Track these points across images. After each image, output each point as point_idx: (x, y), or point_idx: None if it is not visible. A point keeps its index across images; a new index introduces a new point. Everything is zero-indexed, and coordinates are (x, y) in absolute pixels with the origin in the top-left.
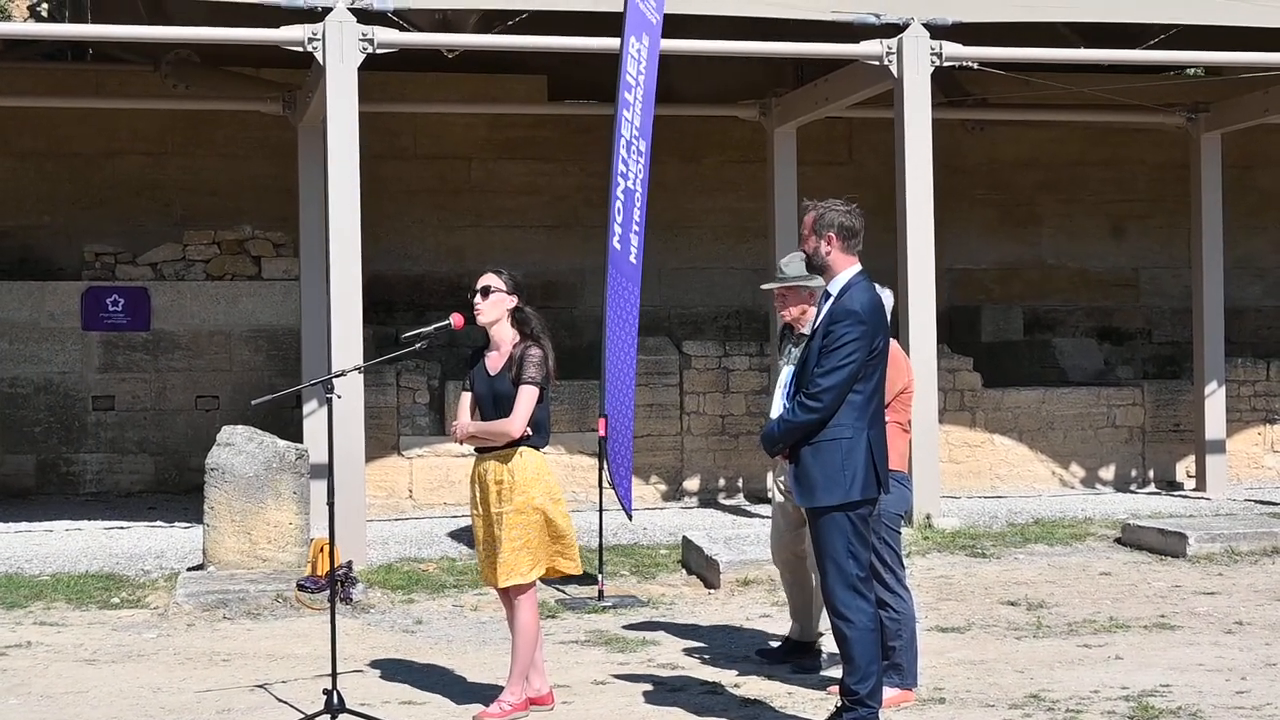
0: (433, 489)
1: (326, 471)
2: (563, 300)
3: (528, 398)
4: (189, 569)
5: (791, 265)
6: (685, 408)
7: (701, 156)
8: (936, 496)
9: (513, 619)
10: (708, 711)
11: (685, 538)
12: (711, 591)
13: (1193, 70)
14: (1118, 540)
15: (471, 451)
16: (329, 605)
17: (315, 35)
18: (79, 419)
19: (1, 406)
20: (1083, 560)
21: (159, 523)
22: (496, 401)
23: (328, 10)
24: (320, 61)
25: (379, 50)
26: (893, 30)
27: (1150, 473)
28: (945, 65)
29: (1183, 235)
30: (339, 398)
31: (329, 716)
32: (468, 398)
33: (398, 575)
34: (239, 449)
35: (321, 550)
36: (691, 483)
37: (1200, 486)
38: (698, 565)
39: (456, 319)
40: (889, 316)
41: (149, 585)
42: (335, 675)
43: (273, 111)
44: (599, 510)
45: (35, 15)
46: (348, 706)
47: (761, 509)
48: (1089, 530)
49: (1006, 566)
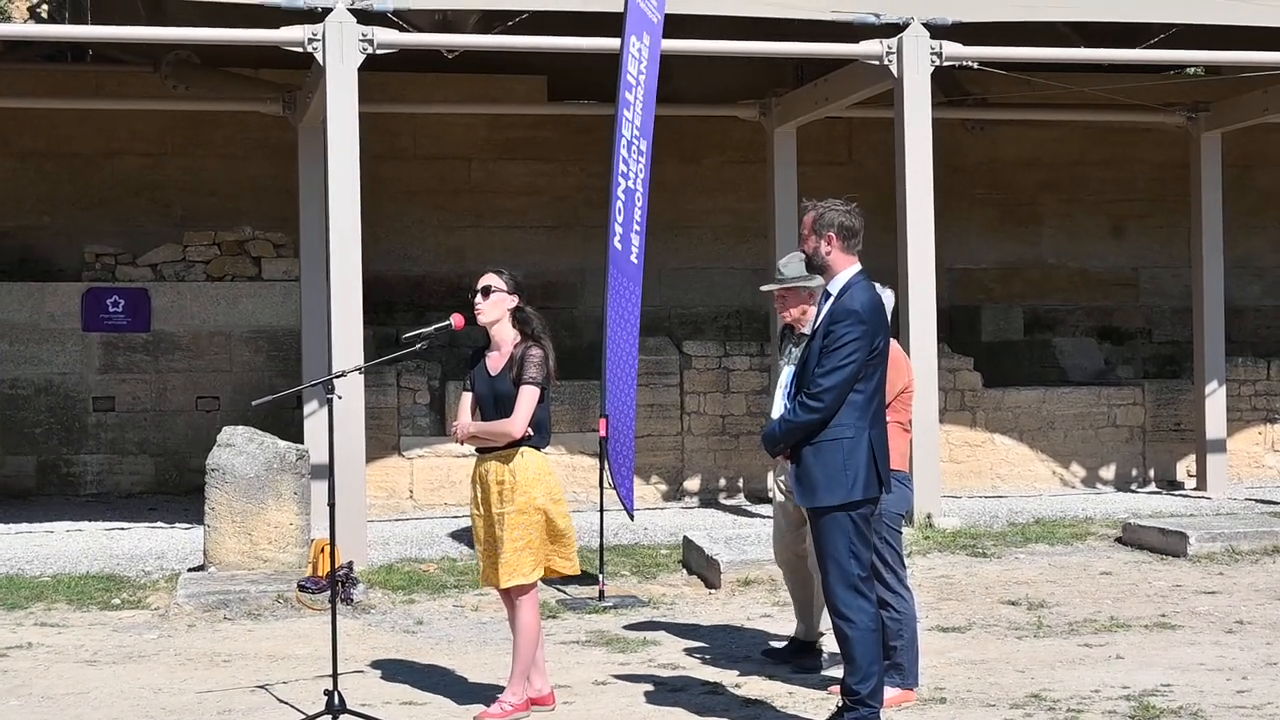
0: (433, 489)
1: (327, 472)
2: (563, 300)
3: (529, 398)
4: (190, 570)
5: (790, 266)
6: (686, 408)
7: (701, 157)
8: (937, 496)
9: (514, 619)
10: (709, 712)
11: (686, 538)
12: (712, 591)
13: (1192, 70)
14: (1118, 540)
15: (472, 452)
16: (330, 606)
17: (315, 36)
18: (79, 420)
19: (2, 408)
20: (1083, 560)
21: (159, 524)
22: (497, 402)
23: (327, 11)
24: (320, 62)
25: (379, 51)
26: (893, 30)
27: (1151, 472)
28: (945, 65)
29: (1183, 235)
30: (339, 398)
31: (330, 717)
32: (468, 398)
33: (398, 576)
34: (239, 450)
35: (322, 551)
36: (692, 483)
37: (1201, 486)
38: (698, 565)
39: (457, 319)
40: (889, 316)
41: (150, 586)
42: (336, 676)
43: (272, 112)
44: (599, 510)
45: (35, 16)
46: (348, 707)
47: (762, 509)
48: (1090, 530)
49: (1007, 566)
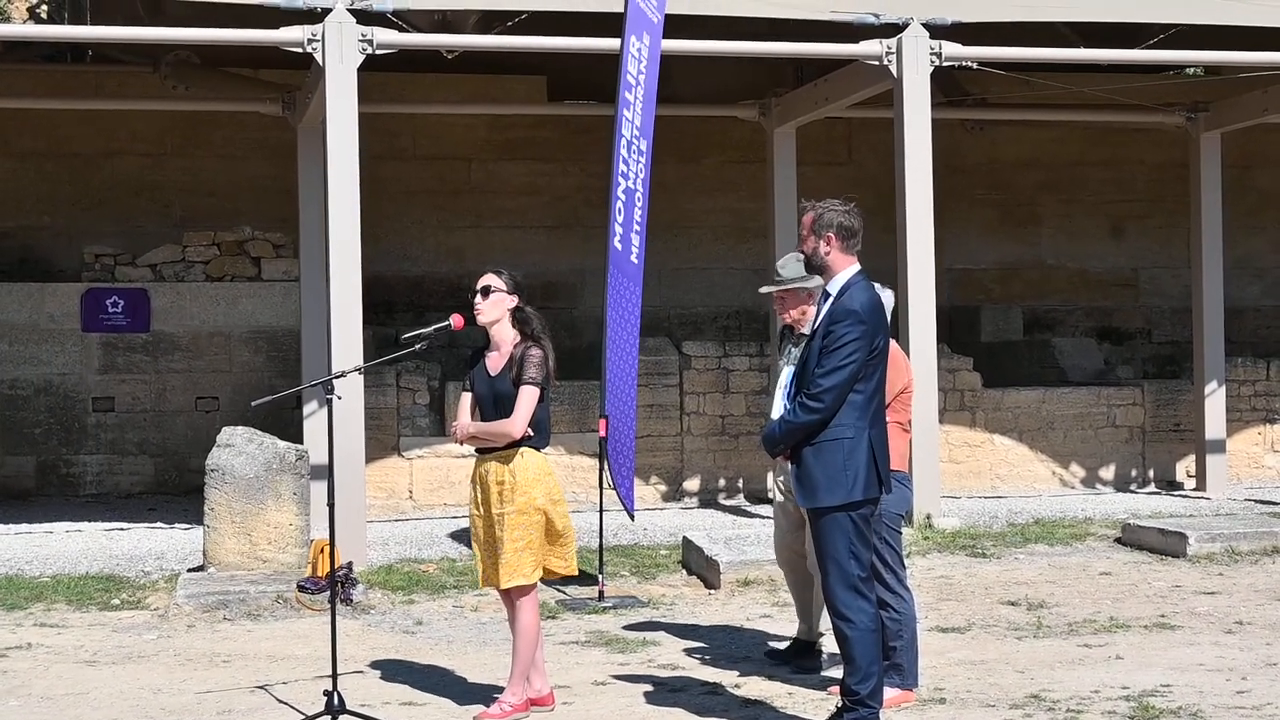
0: (433, 490)
1: (326, 472)
2: (563, 301)
3: (528, 398)
4: (189, 570)
5: (788, 267)
6: (685, 408)
7: (701, 157)
8: (937, 496)
9: (514, 619)
10: (708, 712)
11: (685, 538)
12: (712, 592)
13: (1192, 70)
14: (1118, 540)
15: (472, 452)
16: (329, 606)
17: (315, 36)
18: (79, 420)
19: (1, 408)
20: (1083, 560)
21: (159, 524)
22: (497, 402)
23: (327, 11)
24: (320, 62)
25: (378, 51)
26: (892, 30)
27: (1150, 472)
28: (945, 65)
29: (1182, 235)
30: (339, 399)
31: (329, 717)
32: (468, 398)
33: (398, 576)
34: (239, 450)
35: (322, 551)
36: (691, 483)
37: (1200, 486)
38: (698, 566)
39: (456, 320)
40: (889, 317)
41: (149, 586)
42: (335, 676)
43: (272, 112)
44: (599, 511)
45: (35, 17)
46: (348, 707)
47: (761, 509)
48: (1089, 530)
49: (1007, 566)
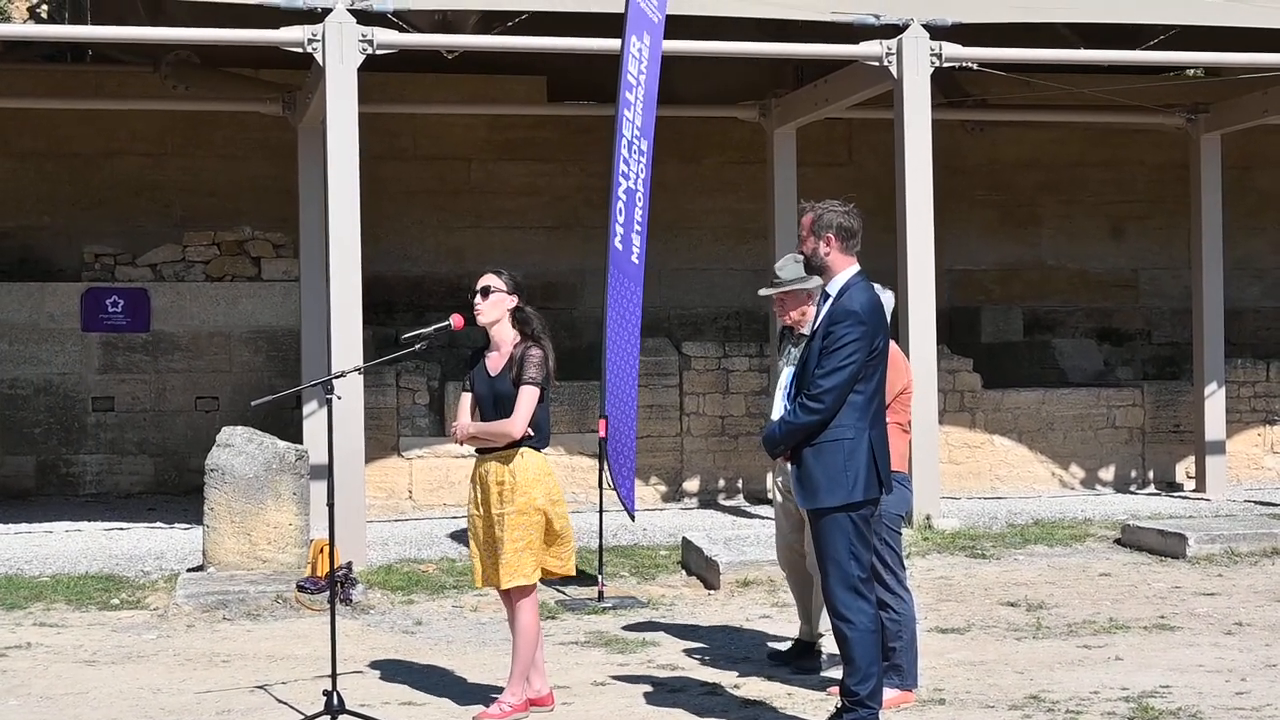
0: (432, 490)
1: (326, 472)
2: (562, 301)
3: (528, 398)
4: (189, 570)
5: (786, 269)
6: (685, 409)
7: (701, 157)
8: (936, 497)
9: (513, 620)
10: (708, 712)
11: (685, 538)
12: (711, 592)
13: (1192, 71)
14: (1117, 541)
15: (472, 452)
16: (329, 606)
17: (315, 36)
18: (79, 420)
19: (1, 407)
20: (1082, 561)
21: (159, 524)
22: (497, 402)
23: (327, 11)
24: (320, 62)
25: (379, 51)
26: (892, 31)
27: (1150, 474)
28: (945, 66)
29: (1182, 236)
30: (339, 399)
31: (329, 717)
32: (468, 398)
33: (397, 576)
34: (239, 450)
35: (321, 551)
36: (691, 484)
37: (1200, 487)
38: (697, 566)
39: (456, 320)
40: (889, 318)
41: (149, 586)
42: (335, 676)
43: (272, 112)
44: (599, 511)
45: (35, 17)
46: (347, 707)
47: (761, 510)
48: (1089, 531)
49: (1006, 567)
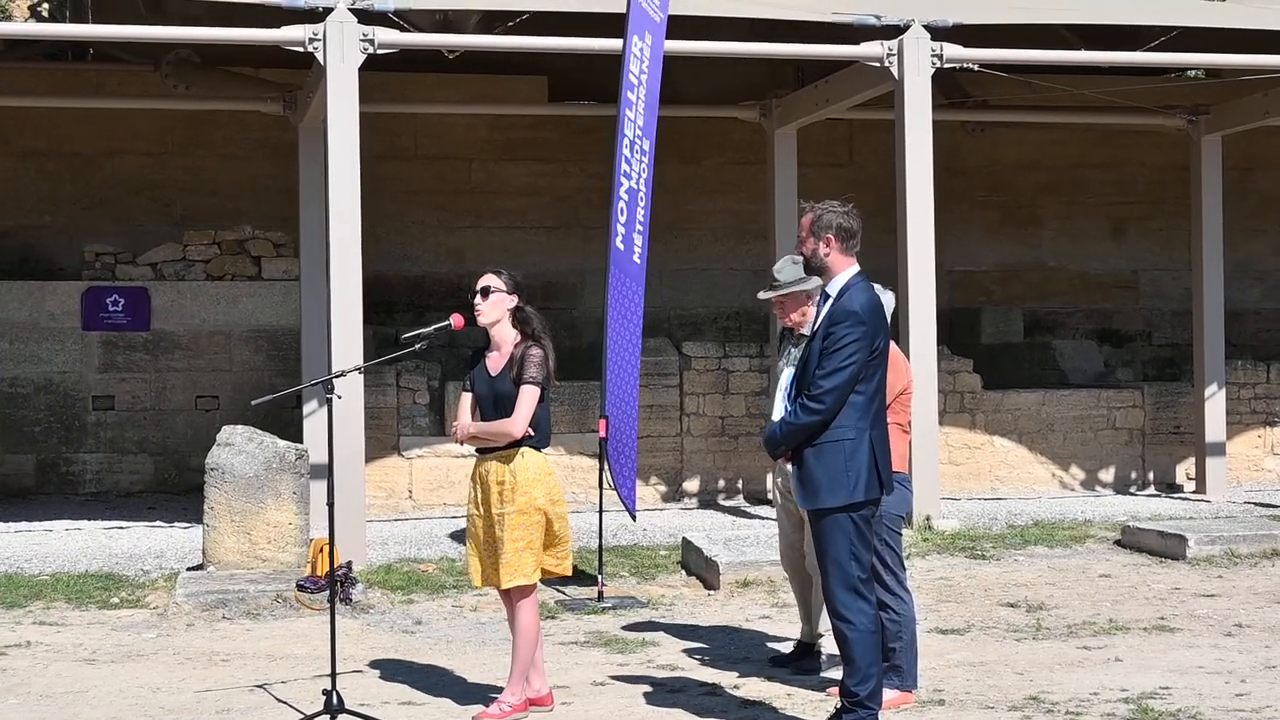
0: (432, 489)
1: (326, 472)
2: (563, 301)
3: (529, 398)
4: (188, 569)
5: (785, 271)
6: (685, 409)
7: (702, 158)
8: (936, 498)
9: (513, 619)
10: (707, 713)
11: (685, 539)
12: (711, 593)
13: (1193, 72)
14: (1117, 542)
15: (472, 452)
16: (328, 605)
17: (316, 36)
18: (79, 419)
19: (1, 406)
20: (1082, 562)
21: (159, 523)
22: (497, 402)
23: (328, 11)
24: (321, 62)
25: (380, 51)
26: (893, 32)
27: (1150, 475)
28: (946, 67)
29: (1183, 237)
30: (339, 398)
31: (328, 717)
32: (468, 398)
33: (397, 576)
34: (239, 449)
35: (321, 550)
36: (691, 484)
37: (1200, 489)
38: (697, 566)
39: (457, 319)
40: (889, 318)
41: (148, 585)
42: (335, 675)
43: (273, 112)
44: (599, 511)
45: (36, 15)
46: (347, 707)
47: (761, 510)
48: (1089, 532)
49: (1006, 568)
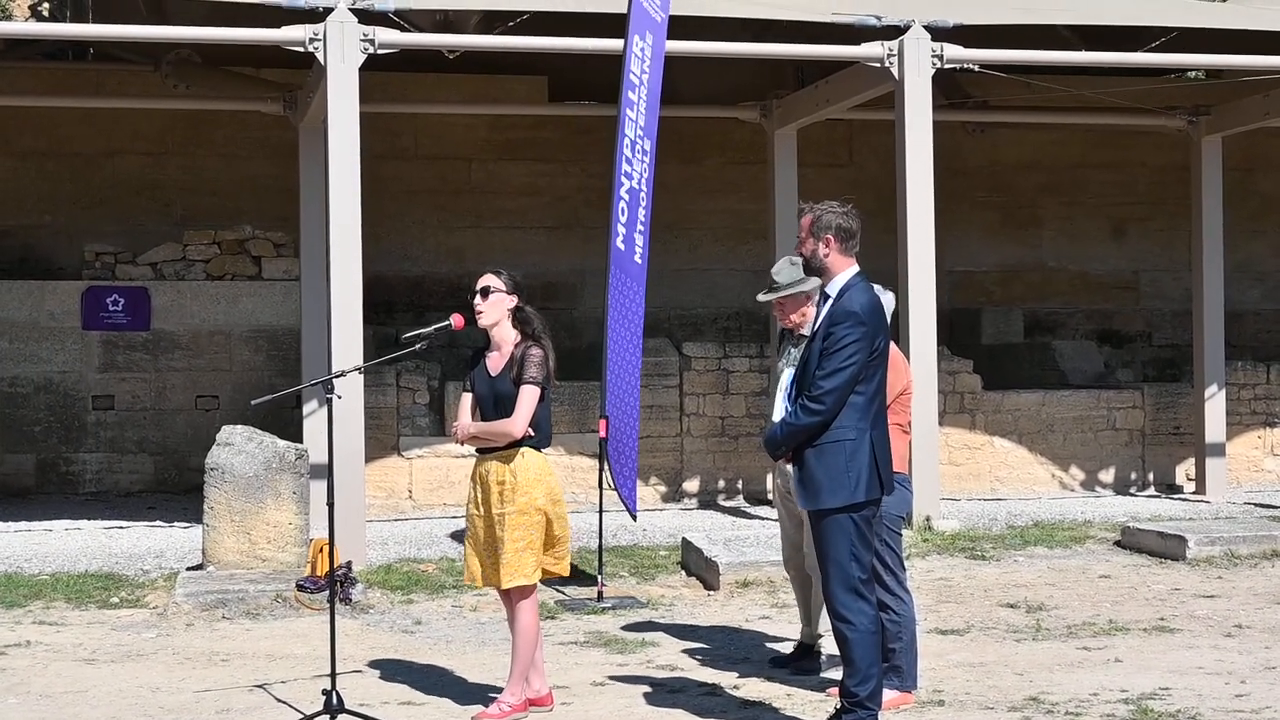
0: (432, 489)
1: (326, 472)
2: (562, 301)
3: (529, 397)
4: (188, 569)
5: (783, 273)
6: (685, 409)
7: (702, 158)
8: (936, 499)
9: (513, 620)
10: (707, 713)
11: (685, 539)
12: (711, 593)
13: (1193, 73)
14: (1117, 543)
15: (472, 452)
16: (328, 605)
17: (316, 35)
18: (79, 418)
19: (1, 406)
20: (1082, 563)
21: (158, 522)
22: (497, 402)
23: (329, 11)
24: (321, 62)
25: (380, 51)
26: (894, 32)
27: (1150, 476)
28: (946, 67)
29: (1183, 238)
30: (339, 398)
31: (328, 717)
32: (468, 399)
33: (397, 576)
34: (239, 449)
35: (321, 550)
36: (691, 484)
37: (1200, 490)
38: (697, 567)
39: (457, 319)
40: (889, 319)
41: (148, 585)
42: (334, 675)
43: (273, 111)
44: (599, 511)
45: (36, 15)
46: (347, 707)
47: (761, 510)
48: (1088, 533)
49: (1006, 569)
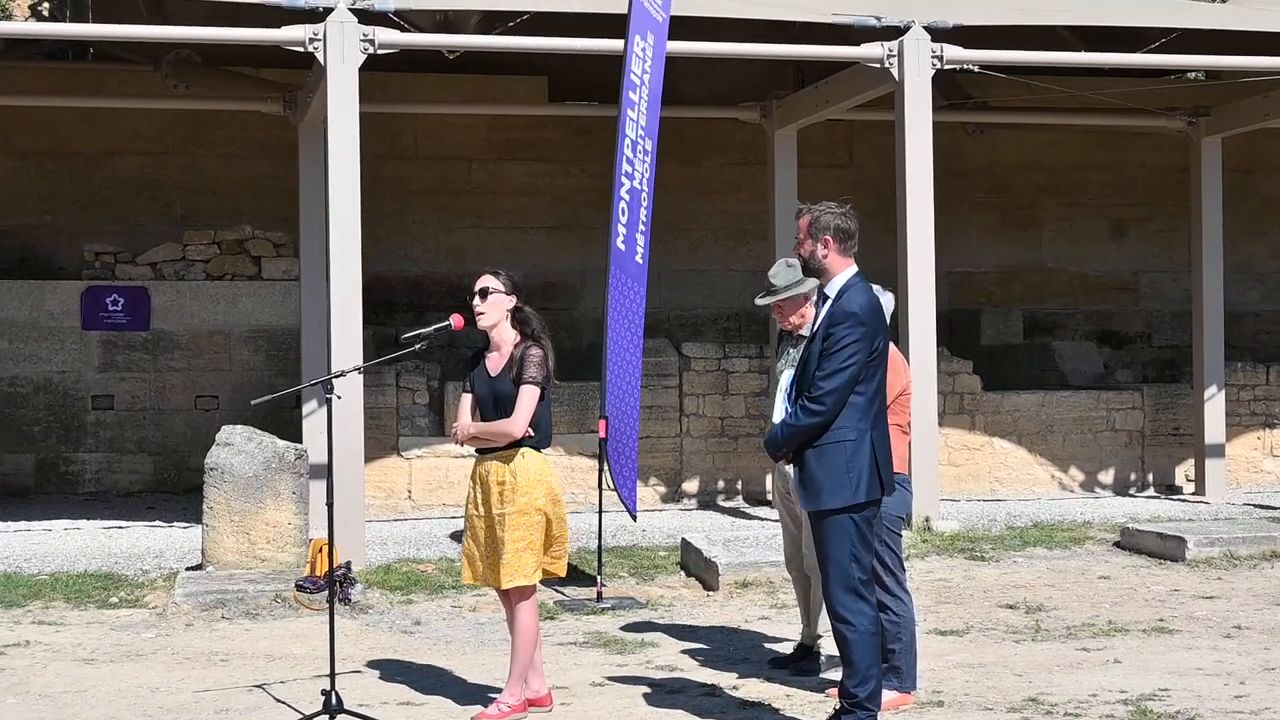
0: (432, 490)
1: (326, 472)
2: (562, 301)
3: (529, 397)
4: (188, 569)
5: (780, 275)
6: (684, 409)
7: (702, 158)
8: (936, 499)
9: (512, 620)
10: (706, 713)
11: (684, 539)
12: (710, 593)
13: (1193, 74)
14: (1116, 544)
15: (471, 453)
16: (327, 606)
17: (316, 35)
18: (78, 418)
19: (1, 406)
20: (1081, 564)
21: (158, 522)
22: (497, 402)
23: (329, 11)
24: (321, 62)
25: (380, 51)
26: (894, 33)
27: (1149, 476)
28: (946, 68)
29: (1183, 239)
30: (338, 398)
31: (327, 717)
32: (468, 399)
33: (396, 576)
34: (238, 449)
35: (320, 550)
36: (690, 484)
37: (1199, 490)
38: (696, 567)
39: (456, 320)
40: (889, 319)
41: (148, 585)
42: (334, 676)
43: (273, 111)
44: (599, 512)
45: (36, 14)
46: (346, 707)
47: (760, 511)
48: (1088, 534)
49: (1005, 570)
